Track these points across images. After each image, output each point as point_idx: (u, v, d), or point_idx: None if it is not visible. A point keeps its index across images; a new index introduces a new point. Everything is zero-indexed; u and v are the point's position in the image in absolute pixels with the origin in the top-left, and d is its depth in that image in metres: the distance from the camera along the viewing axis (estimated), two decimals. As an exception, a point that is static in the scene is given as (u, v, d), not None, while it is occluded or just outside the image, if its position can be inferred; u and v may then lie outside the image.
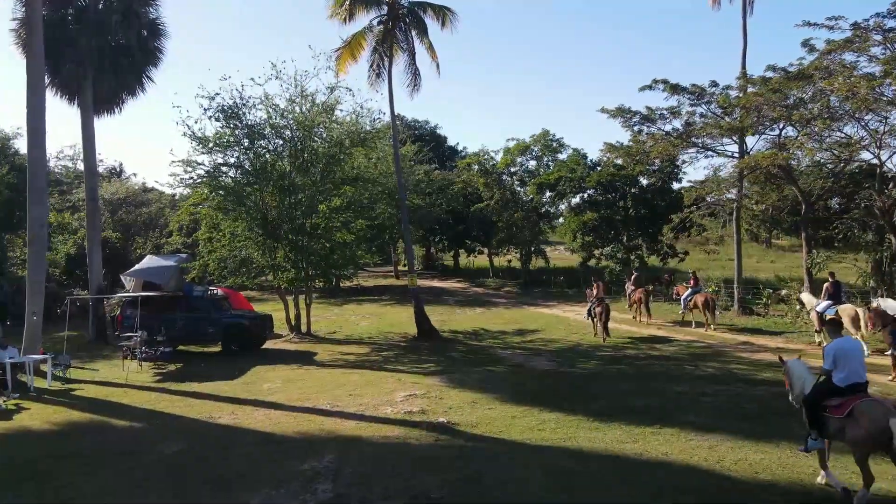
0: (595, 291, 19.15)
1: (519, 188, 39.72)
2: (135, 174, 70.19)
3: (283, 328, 21.84)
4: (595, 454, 8.64)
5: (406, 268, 62.78)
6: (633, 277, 23.41)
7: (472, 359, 16.36)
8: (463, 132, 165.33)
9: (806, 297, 17.27)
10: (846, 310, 15.14)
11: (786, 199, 24.45)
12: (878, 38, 17.62)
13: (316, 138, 21.21)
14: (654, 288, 28.58)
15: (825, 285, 16.44)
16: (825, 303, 15.87)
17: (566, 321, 23.23)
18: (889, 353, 13.10)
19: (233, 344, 17.77)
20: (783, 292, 21.61)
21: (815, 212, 21.81)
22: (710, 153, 22.01)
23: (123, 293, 18.62)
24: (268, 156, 20.92)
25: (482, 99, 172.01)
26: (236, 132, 20.33)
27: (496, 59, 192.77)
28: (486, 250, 44.25)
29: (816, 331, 16.25)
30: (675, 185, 31.12)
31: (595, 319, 18.69)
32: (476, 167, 39.76)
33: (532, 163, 39.18)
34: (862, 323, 14.70)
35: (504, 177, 39.21)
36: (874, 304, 14.23)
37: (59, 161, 53.34)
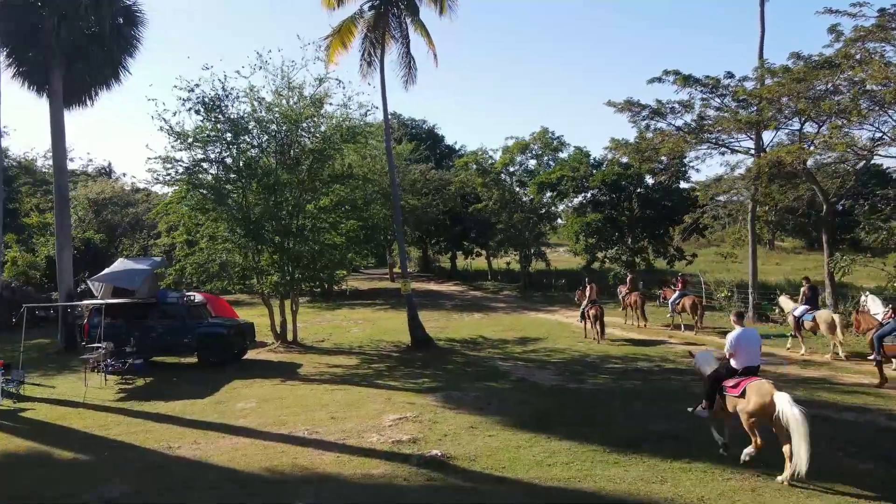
0: (588, 293, 19.15)
1: (518, 188, 38.34)
2: (124, 174, 68.41)
3: (269, 336, 20.43)
4: (617, 499, 7.25)
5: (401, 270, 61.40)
6: (627, 280, 22.91)
7: (470, 372, 14.96)
8: (462, 131, 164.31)
9: (784, 301, 17.27)
10: (822, 315, 15.30)
11: (801, 200, 23.12)
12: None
13: (303, 133, 19.83)
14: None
15: (802, 290, 16.50)
16: (802, 307, 15.90)
17: (570, 328, 21.84)
18: (871, 357, 12.89)
19: (210, 355, 16.32)
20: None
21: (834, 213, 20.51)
22: (724, 150, 20.64)
23: (93, 300, 17.12)
24: (252, 152, 19.55)
25: (482, 97, 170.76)
26: (218, 126, 18.92)
27: (497, 57, 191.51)
28: (484, 252, 42.87)
29: (791, 335, 16.37)
30: (683, 185, 29.81)
31: (588, 321, 18.77)
32: (474, 167, 38.35)
33: (532, 162, 37.83)
34: (838, 328, 14.87)
35: (503, 176, 37.83)
36: (861, 306, 14.52)
37: (46, 160, 51.97)
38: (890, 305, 13.24)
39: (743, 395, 7.95)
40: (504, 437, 9.55)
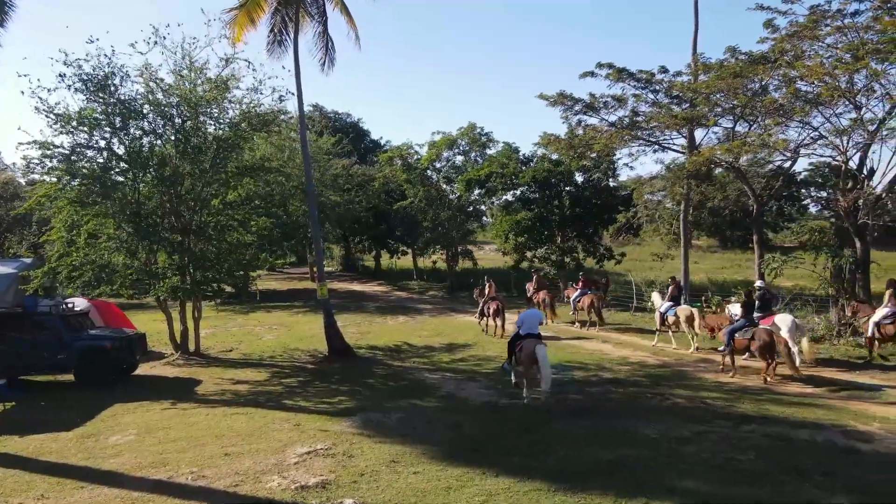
0: (488, 291, 20.36)
1: (445, 185, 37.04)
2: (14, 164, 62.05)
3: (169, 346, 18.17)
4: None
5: (326, 268, 58.90)
6: (534, 279, 23.17)
7: (392, 387, 13.44)
8: (388, 127, 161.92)
9: (655, 297, 18.41)
10: (683, 310, 16.59)
11: (727, 200, 22.96)
12: (838, 24, 15.98)
13: (207, 119, 17.68)
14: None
15: (669, 288, 17.85)
16: (667, 304, 17.28)
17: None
18: (720, 350, 14.18)
19: (90, 373, 14.01)
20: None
21: (763, 214, 20.27)
22: (657, 147, 20.01)
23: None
24: (146, 139, 17.23)
25: (410, 93, 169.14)
26: (108, 108, 16.51)
27: (425, 52, 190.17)
28: (409, 251, 41.38)
29: (657, 330, 17.69)
30: (612, 184, 29.27)
31: (488, 318, 19.58)
32: (399, 162, 36.73)
33: (459, 158, 36.60)
34: (696, 322, 15.96)
35: (429, 173, 36.41)
36: (725, 307, 16.45)
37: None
38: (743, 306, 14.45)
39: (521, 350, 11.92)
40: (431, 473, 8.10)
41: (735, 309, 15.18)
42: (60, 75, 15.88)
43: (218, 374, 15.27)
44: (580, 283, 21.36)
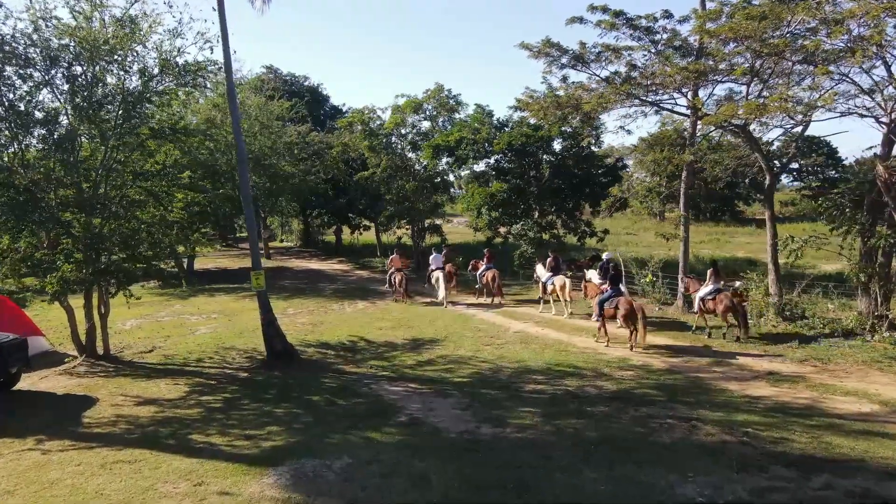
0: (392, 262, 23.22)
1: (411, 154, 33.73)
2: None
3: (73, 346, 14.94)
4: None
5: (285, 243, 55.05)
6: (443, 253, 23.78)
7: (341, 409, 10.51)
8: (351, 94, 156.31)
9: (539, 269, 20.20)
10: (559, 280, 18.34)
11: (726, 169, 20.36)
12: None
13: (112, 67, 14.21)
14: (570, 273, 24.07)
15: (548, 260, 19.66)
16: (548, 274, 19.12)
17: (472, 322, 17.91)
18: (594, 319, 15.88)
19: (-56, 393, 10.81)
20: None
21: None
22: (656, 108, 17.14)
23: None
24: (36, 92, 13.74)
25: (373, 56, 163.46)
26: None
27: (392, 11, 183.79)
28: (372, 225, 38.19)
29: (540, 297, 19.61)
30: (595, 151, 26.38)
31: (396, 286, 22.32)
32: (359, 127, 33.23)
33: (426, 124, 33.25)
34: (567, 291, 17.90)
35: (393, 139, 33.03)
36: (587, 277, 18.78)
37: None
38: (608, 278, 15.72)
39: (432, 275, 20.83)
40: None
41: (592, 274, 18.28)
42: None
43: (122, 389, 12.11)
44: (486, 258, 22.35)
